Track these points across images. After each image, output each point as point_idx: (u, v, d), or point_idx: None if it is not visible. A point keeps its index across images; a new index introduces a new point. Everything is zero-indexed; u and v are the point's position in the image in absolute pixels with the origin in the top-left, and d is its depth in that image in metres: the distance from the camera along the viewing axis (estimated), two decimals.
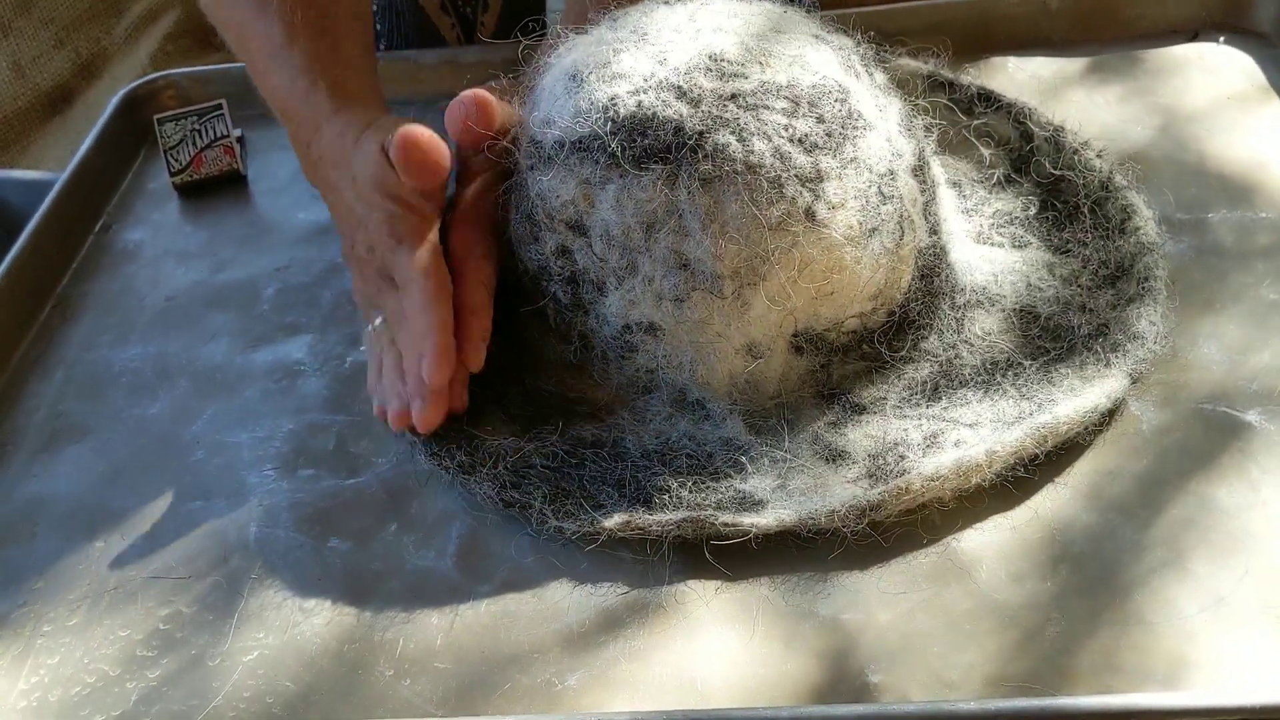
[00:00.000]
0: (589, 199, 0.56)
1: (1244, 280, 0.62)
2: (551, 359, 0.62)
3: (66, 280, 0.76)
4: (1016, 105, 0.72)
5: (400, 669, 0.50)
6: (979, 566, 0.51)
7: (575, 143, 0.56)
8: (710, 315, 0.55)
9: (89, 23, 1.45)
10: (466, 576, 0.54)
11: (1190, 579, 0.49)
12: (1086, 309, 0.60)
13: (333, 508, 0.58)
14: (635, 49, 0.57)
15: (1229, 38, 0.80)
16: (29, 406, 0.67)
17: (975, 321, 0.60)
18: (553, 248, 0.58)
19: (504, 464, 0.56)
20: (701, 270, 0.55)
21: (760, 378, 0.57)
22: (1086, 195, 0.66)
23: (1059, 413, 0.54)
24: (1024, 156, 0.70)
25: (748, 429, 0.57)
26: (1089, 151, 0.68)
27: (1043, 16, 0.82)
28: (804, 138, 0.54)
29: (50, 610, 0.55)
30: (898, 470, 0.53)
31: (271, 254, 0.75)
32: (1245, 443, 0.54)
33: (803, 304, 0.56)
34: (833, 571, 0.52)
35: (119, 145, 0.87)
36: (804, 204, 0.54)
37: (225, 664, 0.51)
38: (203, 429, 0.63)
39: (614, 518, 0.53)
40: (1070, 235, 0.64)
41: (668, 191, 0.54)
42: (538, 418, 0.59)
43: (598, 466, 0.56)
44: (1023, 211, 0.67)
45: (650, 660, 0.49)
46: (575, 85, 0.57)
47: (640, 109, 0.55)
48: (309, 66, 0.66)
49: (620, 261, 0.56)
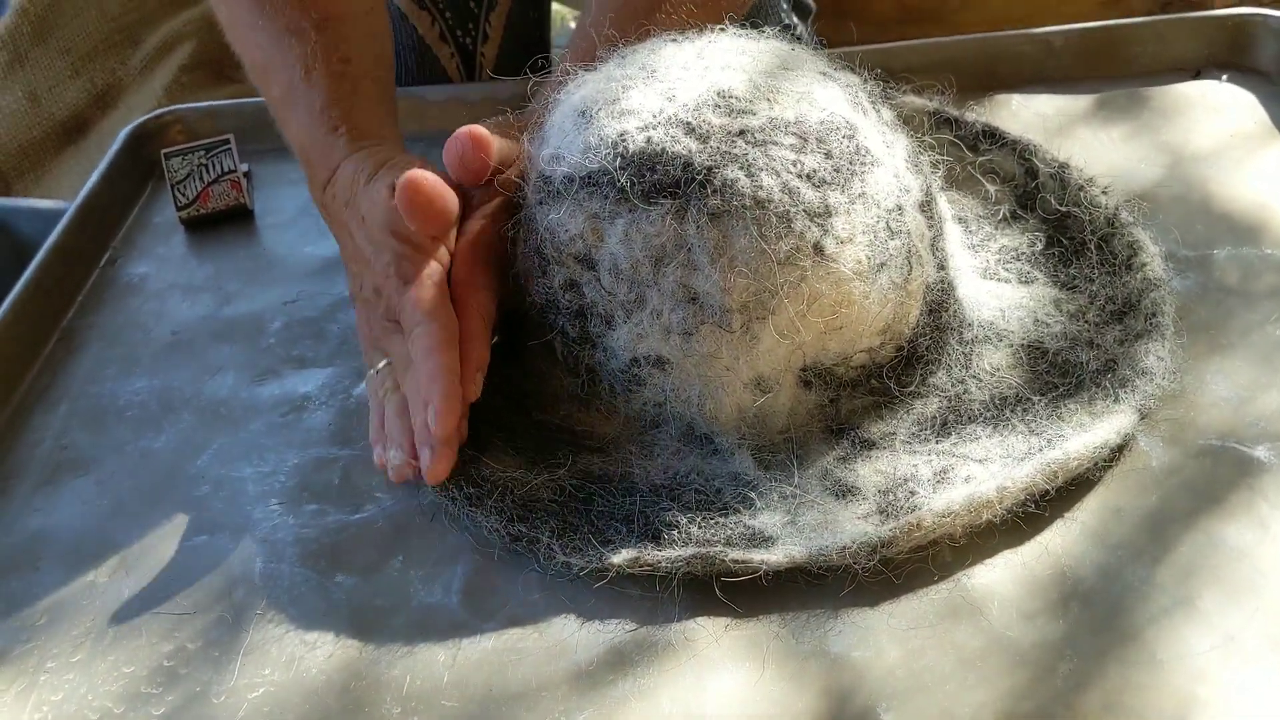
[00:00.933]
0: (598, 233, 0.56)
1: (1251, 317, 0.62)
2: (559, 392, 0.62)
3: (72, 313, 0.76)
4: (1021, 142, 0.72)
5: (406, 706, 0.50)
6: (989, 604, 0.51)
7: (584, 178, 0.56)
8: (718, 349, 0.56)
9: (105, 53, 1.46)
10: (472, 613, 0.53)
11: (1200, 617, 0.49)
12: (1094, 345, 0.60)
13: (338, 543, 0.58)
14: (644, 86, 0.58)
15: (1231, 76, 0.81)
16: (33, 439, 0.66)
17: (983, 357, 0.60)
18: (561, 281, 0.58)
19: (511, 497, 0.56)
20: (710, 304, 0.55)
21: (768, 412, 0.57)
22: (1092, 231, 0.66)
23: (1069, 448, 0.54)
24: (1029, 193, 0.70)
25: (756, 464, 0.57)
26: (1094, 188, 0.69)
27: (1047, 54, 0.83)
28: (812, 173, 0.54)
29: (54, 646, 0.54)
30: (908, 506, 0.53)
31: (278, 288, 0.76)
32: (1254, 479, 0.54)
33: (811, 338, 0.56)
34: (843, 609, 0.51)
35: (126, 179, 0.87)
36: (812, 238, 0.54)
37: (230, 701, 0.51)
38: (208, 463, 0.63)
39: (622, 554, 0.53)
40: (1077, 271, 0.65)
41: (676, 226, 0.54)
42: (545, 451, 0.59)
43: (606, 501, 0.56)
44: (1029, 247, 0.67)
45: (659, 698, 0.49)
46: (584, 121, 0.58)
47: (649, 145, 0.55)
48: (326, 108, 0.67)
49: (628, 295, 0.56)
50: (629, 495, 0.56)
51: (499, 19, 0.93)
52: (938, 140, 0.69)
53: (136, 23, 1.48)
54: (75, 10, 1.43)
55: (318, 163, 0.67)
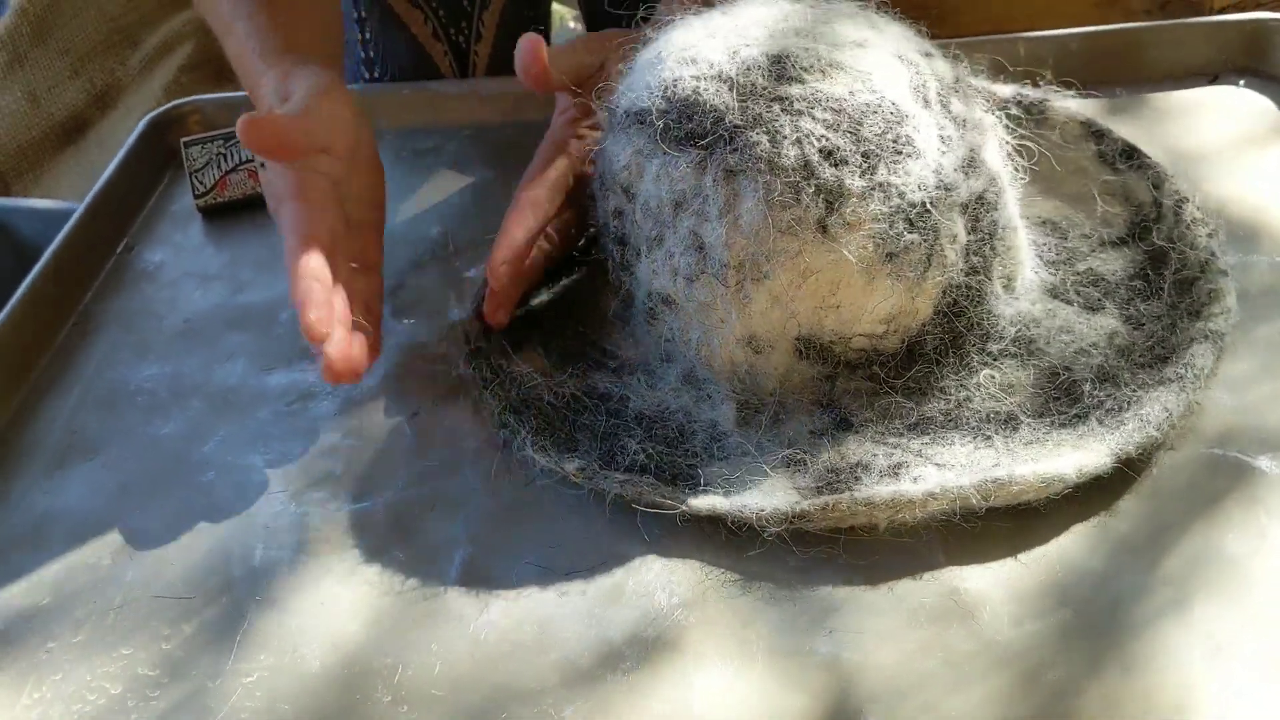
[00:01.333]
0: (640, 168, 0.59)
1: (1261, 328, 0.62)
2: (604, 310, 0.67)
3: (88, 299, 0.77)
4: (1155, 168, 0.69)
5: (398, 696, 0.50)
6: (982, 608, 0.51)
7: (636, 114, 0.60)
8: (714, 300, 0.58)
9: (104, 53, 1.47)
10: (467, 604, 0.54)
11: (1194, 624, 0.49)
12: (1121, 383, 0.58)
13: (338, 532, 0.58)
14: (721, 39, 0.59)
15: (1249, 81, 0.80)
16: (45, 422, 0.67)
17: (1004, 372, 0.59)
18: (611, 208, 0.62)
19: (517, 390, 0.61)
20: (712, 256, 0.57)
21: (760, 372, 0.59)
22: (1178, 271, 0.63)
23: (1016, 472, 0.53)
24: (1147, 221, 0.67)
25: (737, 419, 0.59)
26: (1202, 228, 0.65)
27: (1063, 58, 0.82)
28: (834, 151, 0.55)
29: (55, 627, 0.55)
30: (843, 489, 0.53)
31: None
32: (1254, 489, 0.54)
33: (805, 310, 0.57)
34: (834, 610, 0.51)
35: (144, 168, 0.88)
36: (816, 214, 0.55)
37: (225, 686, 0.51)
38: (214, 450, 0.64)
39: (575, 463, 0.57)
40: (1148, 309, 0.62)
41: (697, 175, 0.57)
42: (569, 359, 0.64)
43: (590, 416, 0.60)
44: (1113, 275, 0.65)
45: (650, 693, 0.49)
46: (656, 62, 0.61)
47: (694, 95, 0.57)
48: (253, 33, 0.72)
49: (652, 232, 0.59)
50: (614, 417, 0.60)
51: (493, 17, 0.94)
52: (1080, 151, 0.69)
53: (135, 23, 1.49)
54: (74, 11, 1.44)
55: (249, 87, 0.72)
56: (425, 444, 0.62)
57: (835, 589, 0.52)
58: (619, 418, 0.60)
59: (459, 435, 0.63)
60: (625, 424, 0.59)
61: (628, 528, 0.56)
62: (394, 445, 0.63)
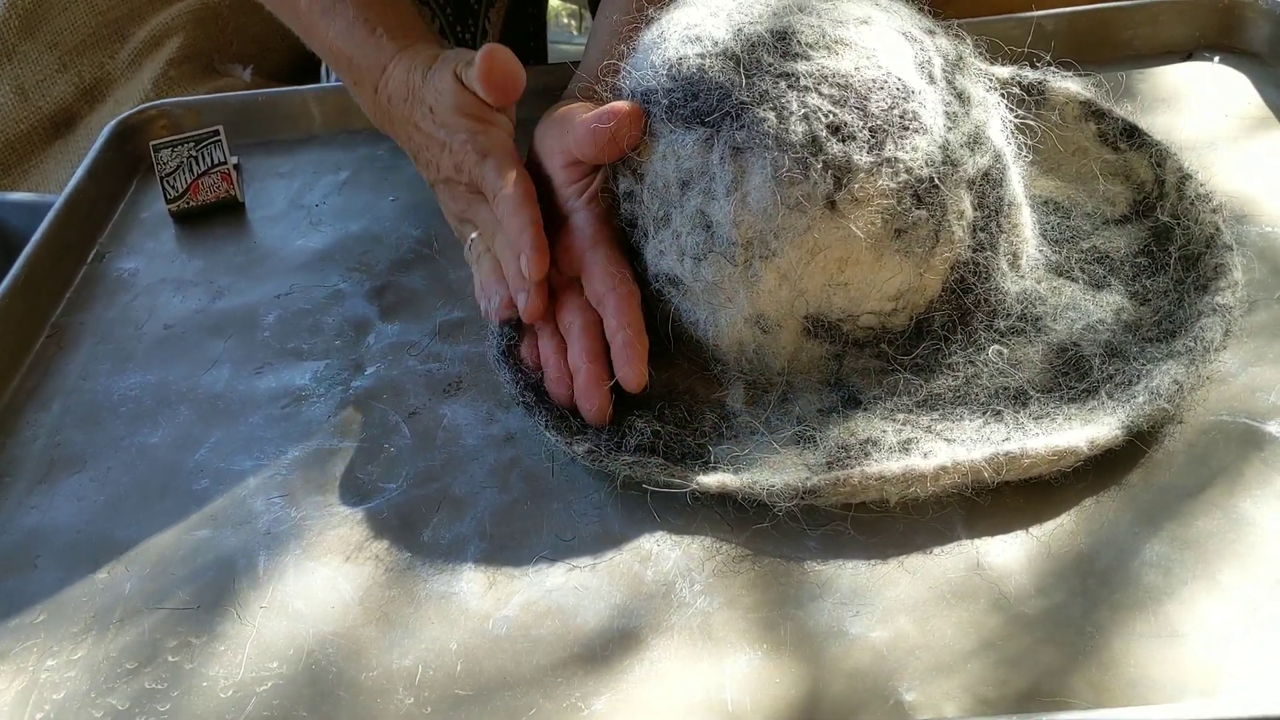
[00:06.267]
0: (648, 148, 0.59)
1: (1257, 293, 0.62)
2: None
3: (61, 309, 0.75)
4: (1158, 146, 0.69)
5: (420, 697, 0.49)
6: (1007, 581, 0.50)
7: (643, 94, 0.59)
8: (722, 279, 0.57)
9: (93, 47, 1.45)
10: (484, 601, 0.52)
11: (1220, 590, 0.49)
12: (1129, 358, 0.57)
13: (343, 534, 0.57)
14: (724, 17, 0.59)
15: (1223, 58, 0.81)
16: (26, 437, 0.65)
17: (1012, 348, 0.59)
18: (624, 189, 0.62)
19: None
20: (720, 234, 0.57)
21: (768, 352, 0.59)
22: (1184, 247, 0.63)
23: (1028, 446, 0.52)
24: (1150, 199, 0.67)
25: (746, 399, 0.59)
26: (1206, 204, 0.65)
27: (1038, 37, 0.83)
28: (842, 126, 0.54)
29: (54, 644, 0.53)
30: (854, 464, 0.53)
31: (271, 281, 0.74)
32: (1268, 453, 0.54)
33: (814, 288, 0.56)
34: (861, 589, 0.51)
35: (112, 174, 0.86)
36: (825, 191, 0.54)
37: (239, 695, 0.50)
38: (206, 457, 0.62)
39: (585, 445, 0.56)
40: (1153, 284, 0.62)
41: (704, 153, 0.56)
42: None
43: None
44: (1117, 252, 0.64)
45: (678, 682, 0.48)
46: (660, 41, 0.60)
47: (700, 72, 0.57)
48: (363, 15, 0.72)
49: (658, 212, 0.59)
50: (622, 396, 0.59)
51: (498, 15, 0.93)
52: (1080, 131, 0.69)
53: (124, 17, 1.47)
54: (63, 4, 1.43)
55: (365, 65, 0.72)
56: (426, 443, 0.61)
57: (857, 567, 0.52)
58: (626, 397, 0.59)
59: (460, 433, 0.61)
60: (632, 405, 0.59)
61: (640, 515, 0.55)
62: (394, 445, 0.61)
